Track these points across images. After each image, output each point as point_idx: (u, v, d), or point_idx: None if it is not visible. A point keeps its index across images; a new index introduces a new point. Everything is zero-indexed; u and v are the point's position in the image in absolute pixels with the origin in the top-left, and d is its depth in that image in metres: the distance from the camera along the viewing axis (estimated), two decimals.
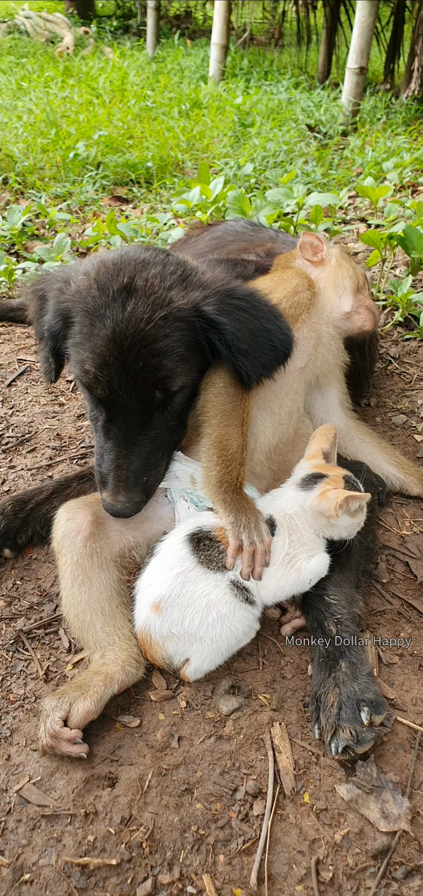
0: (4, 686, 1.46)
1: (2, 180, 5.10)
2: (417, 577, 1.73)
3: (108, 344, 1.47)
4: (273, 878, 1.13)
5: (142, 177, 5.33)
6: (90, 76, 8.02)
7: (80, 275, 1.60)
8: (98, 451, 1.58)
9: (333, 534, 1.51)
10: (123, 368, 1.47)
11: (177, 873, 1.14)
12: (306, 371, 1.80)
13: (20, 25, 10.99)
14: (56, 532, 1.58)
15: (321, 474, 1.53)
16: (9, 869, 1.14)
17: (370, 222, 4.16)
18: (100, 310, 1.50)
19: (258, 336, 1.57)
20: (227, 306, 1.56)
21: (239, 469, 1.54)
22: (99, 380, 1.50)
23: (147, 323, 1.47)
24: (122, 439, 1.53)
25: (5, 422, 2.37)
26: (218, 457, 1.54)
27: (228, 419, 1.57)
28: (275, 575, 1.46)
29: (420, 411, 2.42)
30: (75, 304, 1.55)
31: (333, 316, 1.90)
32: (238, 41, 10.54)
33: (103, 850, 1.17)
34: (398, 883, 1.12)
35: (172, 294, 1.52)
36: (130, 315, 1.47)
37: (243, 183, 4.94)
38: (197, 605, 1.39)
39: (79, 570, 1.52)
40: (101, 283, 1.53)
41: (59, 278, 1.65)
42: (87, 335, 1.51)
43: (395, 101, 7.19)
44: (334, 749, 1.28)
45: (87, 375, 1.51)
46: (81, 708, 1.31)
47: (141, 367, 1.48)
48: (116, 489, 1.51)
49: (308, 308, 1.79)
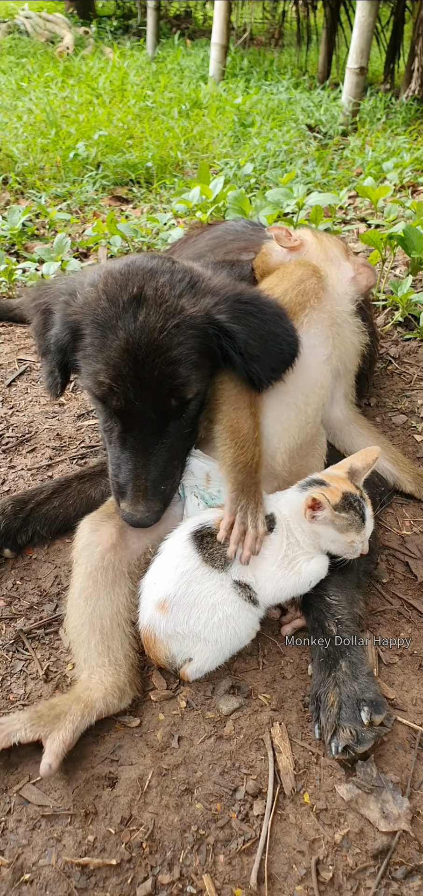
0: (4, 686, 1.46)
1: (2, 180, 5.10)
2: (417, 577, 1.73)
3: (122, 355, 1.46)
4: (273, 878, 1.13)
5: (142, 177, 5.33)
6: (90, 76, 8.02)
7: (86, 286, 1.58)
8: (114, 461, 1.57)
9: (321, 544, 1.49)
10: (137, 378, 1.46)
11: (177, 873, 1.14)
12: (331, 360, 1.77)
13: (20, 25, 10.99)
14: (77, 542, 1.58)
15: (323, 481, 1.52)
16: (9, 869, 1.14)
17: (370, 222, 4.16)
18: (111, 321, 1.49)
19: (267, 341, 1.57)
20: (237, 312, 1.56)
21: (254, 449, 1.54)
22: (114, 391, 1.48)
23: (160, 332, 1.47)
24: (138, 449, 1.53)
25: (5, 422, 2.37)
26: (231, 439, 1.55)
27: (236, 402, 1.58)
28: (274, 577, 1.46)
29: (420, 411, 2.42)
30: (84, 317, 1.53)
31: (343, 289, 1.86)
32: (238, 41, 10.54)
33: (103, 850, 1.17)
34: (398, 883, 1.12)
35: (183, 302, 1.52)
36: (143, 325, 1.46)
37: (243, 183, 4.94)
38: (203, 604, 1.39)
39: (90, 581, 1.50)
40: (110, 293, 1.51)
41: (64, 290, 1.62)
42: (99, 347, 1.50)
43: (395, 101, 7.19)
44: (334, 748, 1.28)
45: (101, 387, 1.50)
46: (58, 738, 1.26)
47: (156, 376, 1.47)
48: (135, 499, 1.50)
49: (317, 293, 1.76)
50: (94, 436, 2.30)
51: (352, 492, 1.48)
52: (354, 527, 1.46)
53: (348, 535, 1.46)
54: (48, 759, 1.23)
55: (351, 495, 1.48)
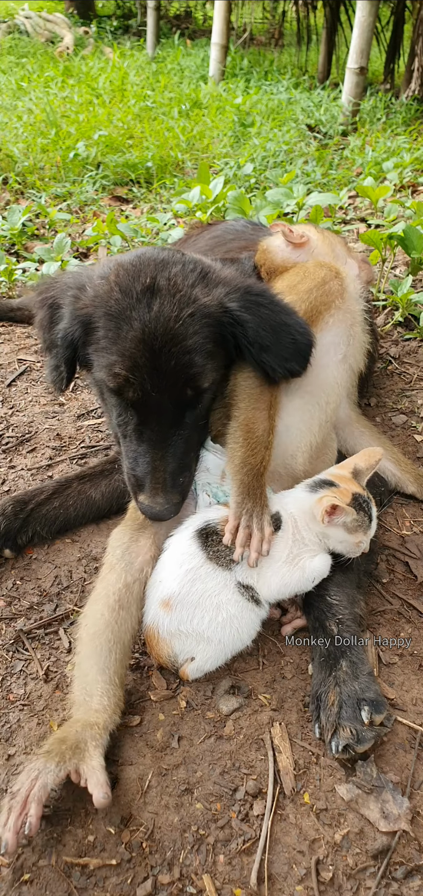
0: (4, 686, 1.46)
1: (2, 180, 5.10)
2: (417, 577, 1.73)
3: (137, 345, 1.45)
4: (273, 878, 1.13)
5: (142, 177, 5.33)
6: (90, 76, 8.02)
7: (96, 279, 1.57)
8: (131, 455, 1.55)
9: (328, 544, 1.50)
10: (154, 369, 1.45)
11: (177, 873, 1.14)
12: (347, 358, 1.78)
13: (20, 25, 10.98)
14: (115, 550, 1.54)
15: (333, 482, 1.52)
16: (9, 869, 1.14)
17: (370, 222, 4.16)
18: (125, 312, 1.48)
19: (278, 331, 1.56)
20: (248, 303, 1.56)
21: (264, 452, 1.54)
22: (130, 382, 1.47)
23: (176, 321, 1.46)
24: (156, 441, 1.51)
25: (5, 422, 2.37)
26: (244, 439, 1.54)
27: (255, 402, 1.58)
28: (279, 572, 1.46)
29: (420, 411, 2.42)
30: (96, 310, 1.52)
31: (356, 288, 1.86)
32: (238, 41, 10.54)
33: (103, 850, 1.17)
34: (398, 883, 1.12)
35: (196, 291, 1.52)
36: (158, 314, 1.46)
37: (243, 183, 4.94)
38: (207, 603, 1.39)
39: (126, 593, 1.47)
40: (122, 285, 1.51)
41: (72, 285, 1.61)
42: (113, 339, 1.48)
43: (395, 101, 7.19)
44: (334, 748, 1.28)
45: (116, 379, 1.48)
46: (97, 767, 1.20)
47: (173, 365, 1.46)
48: (155, 491, 1.48)
49: (342, 294, 1.77)
50: (94, 436, 2.30)
51: (361, 493, 1.50)
52: (362, 527, 1.48)
53: (356, 536, 1.48)
54: (103, 790, 1.16)
55: (360, 496, 1.49)
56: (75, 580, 1.73)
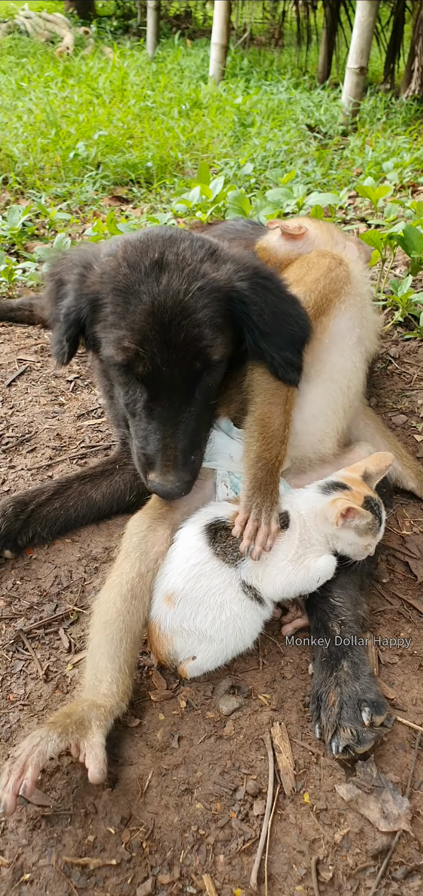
0: (4, 686, 1.46)
1: (2, 180, 5.10)
2: (417, 577, 1.73)
3: (147, 318, 1.44)
4: (273, 878, 1.13)
5: (142, 177, 5.32)
6: (90, 76, 8.02)
7: (103, 256, 1.57)
8: (140, 433, 1.54)
9: (337, 545, 1.51)
10: (164, 342, 1.44)
11: (177, 873, 1.14)
12: (362, 340, 1.79)
13: (20, 25, 10.98)
14: (132, 538, 1.52)
15: (345, 485, 1.53)
16: (9, 869, 1.14)
17: (370, 222, 4.16)
18: (134, 286, 1.47)
19: (280, 319, 1.56)
20: (256, 284, 1.55)
21: (279, 447, 1.54)
22: (140, 356, 1.45)
23: (185, 294, 1.45)
24: (166, 418, 1.49)
25: (5, 422, 2.37)
26: (259, 433, 1.55)
27: (271, 397, 1.59)
28: (285, 570, 1.46)
29: (420, 411, 2.42)
30: (104, 286, 1.51)
31: (360, 271, 1.88)
32: (238, 41, 10.54)
33: (103, 850, 1.17)
34: (398, 883, 1.12)
35: (205, 267, 1.51)
36: (167, 287, 1.45)
37: (243, 183, 4.93)
38: (211, 602, 1.38)
39: (140, 582, 1.45)
40: (131, 261, 1.50)
41: (78, 262, 1.61)
42: (121, 314, 1.47)
43: (395, 101, 7.19)
44: (334, 748, 1.28)
45: (125, 353, 1.47)
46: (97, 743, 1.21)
47: (182, 338, 1.45)
48: (166, 469, 1.47)
49: (349, 279, 1.79)
50: (94, 436, 2.30)
51: (372, 496, 1.51)
52: (372, 531, 1.49)
53: (365, 539, 1.49)
54: (99, 766, 1.18)
55: (372, 500, 1.50)
56: (75, 580, 1.73)
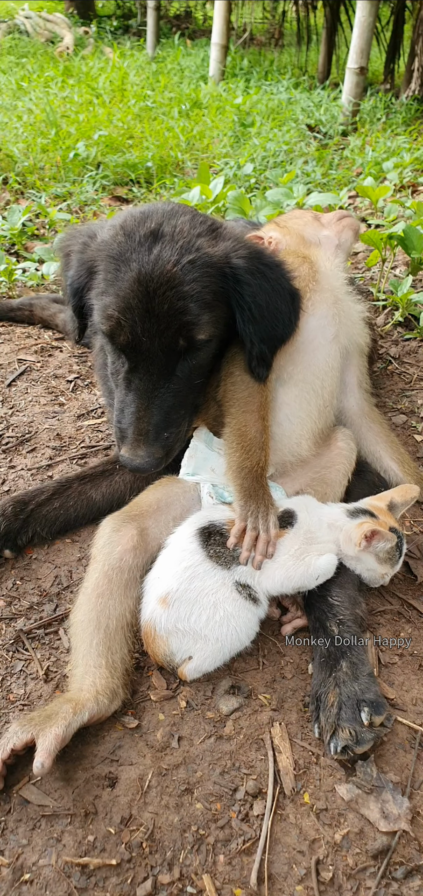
0: (4, 686, 1.46)
1: (2, 180, 5.10)
2: (417, 577, 1.73)
3: (132, 286, 1.43)
4: (273, 878, 1.13)
5: (142, 177, 5.32)
6: (90, 76, 8.02)
7: (106, 227, 1.58)
8: (118, 405, 1.53)
9: (356, 567, 1.54)
10: (146, 311, 1.42)
11: (177, 873, 1.14)
12: (339, 338, 1.78)
13: (20, 25, 10.98)
14: (98, 541, 1.55)
15: (372, 513, 1.54)
16: (9, 869, 1.14)
17: (370, 222, 4.16)
18: (125, 254, 1.46)
19: (270, 311, 1.54)
20: (255, 267, 1.53)
21: (260, 454, 1.54)
22: (121, 324, 1.44)
23: (174, 265, 1.44)
24: (143, 391, 1.48)
25: (5, 422, 2.37)
26: (238, 443, 1.54)
27: (245, 406, 1.58)
28: (285, 564, 1.46)
29: (420, 411, 2.42)
30: (99, 254, 1.52)
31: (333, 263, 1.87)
32: (238, 41, 10.54)
33: (103, 850, 1.17)
34: (398, 883, 1.12)
35: (201, 241, 1.50)
36: (157, 257, 1.44)
37: (243, 183, 4.94)
38: (205, 602, 1.39)
39: (105, 580, 1.48)
40: (127, 229, 1.50)
41: (84, 233, 1.62)
42: (111, 281, 1.47)
43: (395, 101, 7.19)
44: (333, 748, 1.28)
45: (109, 321, 1.46)
46: (50, 735, 1.21)
47: (166, 310, 1.43)
48: (136, 443, 1.45)
49: (314, 276, 1.78)
50: (94, 436, 2.30)
51: (396, 527, 1.53)
52: (392, 561, 1.52)
53: (383, 567, 1.51)
54: (41, 758, 1.18)
55: (396, 531, 1.52)
56: (75, 580, 1.73)
